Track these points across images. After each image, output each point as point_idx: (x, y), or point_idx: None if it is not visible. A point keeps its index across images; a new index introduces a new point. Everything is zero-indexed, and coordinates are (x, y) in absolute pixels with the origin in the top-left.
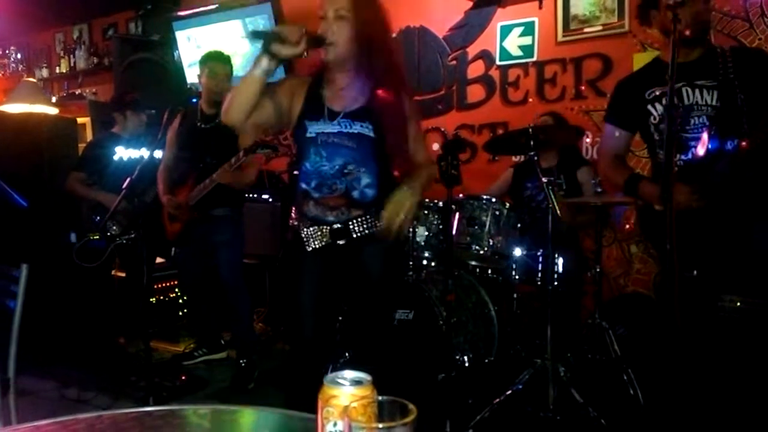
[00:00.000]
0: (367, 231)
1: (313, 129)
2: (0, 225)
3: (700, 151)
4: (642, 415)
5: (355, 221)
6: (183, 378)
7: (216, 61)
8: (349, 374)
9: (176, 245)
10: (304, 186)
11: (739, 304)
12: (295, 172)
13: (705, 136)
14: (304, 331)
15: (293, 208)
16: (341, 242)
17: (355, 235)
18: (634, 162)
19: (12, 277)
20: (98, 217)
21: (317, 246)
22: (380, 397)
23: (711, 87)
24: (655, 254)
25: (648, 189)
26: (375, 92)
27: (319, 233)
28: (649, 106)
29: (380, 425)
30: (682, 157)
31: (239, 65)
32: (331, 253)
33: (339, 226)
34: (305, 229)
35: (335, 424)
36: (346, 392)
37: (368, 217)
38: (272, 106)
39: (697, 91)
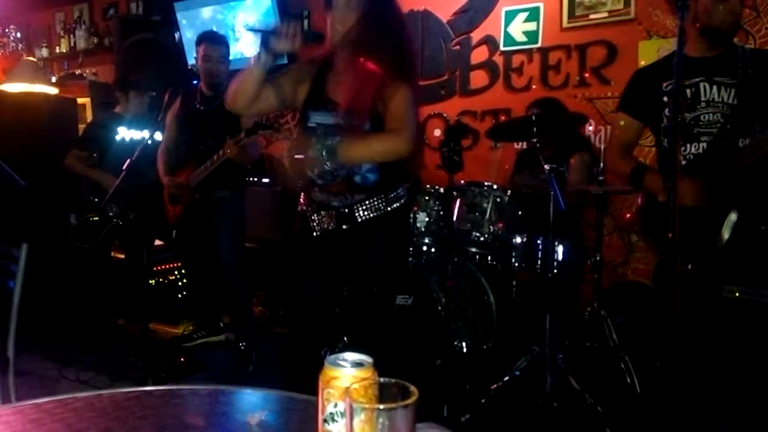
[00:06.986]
0: (371, 215)
1: (314, 119)
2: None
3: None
4: (638, 403)
5: (358, 205)
6: (182, 360)
7: (210, 43)
8: (351, 356)
9: (177, 228)
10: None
11: (738, 294)
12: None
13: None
14: (305, 314)
15: (301, 194)
16: (346, 227)
17: (359, 219)
18: (637, 151)
19: (11, 256)
20: (96, 198)
21: (324, 231)
22: (382, 379)
23: (729, 85)
24: (654, 246)
25: (653, 179)
26: (367, 77)
27: (326, 218)
28: (666, 98)
29: (381, 406)
30: (693, 151)
31: (244, 45)
32: (337, 238)
33: (345, 210)
34: (313, 215)
35: (335, 405)
36: (347, 374)
37: (372, 201)
38: (274, 94)
39: (714, 88)
